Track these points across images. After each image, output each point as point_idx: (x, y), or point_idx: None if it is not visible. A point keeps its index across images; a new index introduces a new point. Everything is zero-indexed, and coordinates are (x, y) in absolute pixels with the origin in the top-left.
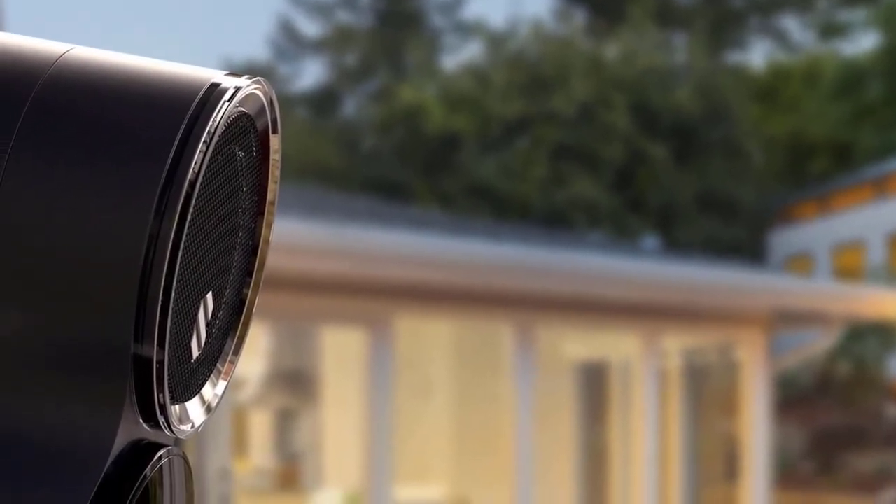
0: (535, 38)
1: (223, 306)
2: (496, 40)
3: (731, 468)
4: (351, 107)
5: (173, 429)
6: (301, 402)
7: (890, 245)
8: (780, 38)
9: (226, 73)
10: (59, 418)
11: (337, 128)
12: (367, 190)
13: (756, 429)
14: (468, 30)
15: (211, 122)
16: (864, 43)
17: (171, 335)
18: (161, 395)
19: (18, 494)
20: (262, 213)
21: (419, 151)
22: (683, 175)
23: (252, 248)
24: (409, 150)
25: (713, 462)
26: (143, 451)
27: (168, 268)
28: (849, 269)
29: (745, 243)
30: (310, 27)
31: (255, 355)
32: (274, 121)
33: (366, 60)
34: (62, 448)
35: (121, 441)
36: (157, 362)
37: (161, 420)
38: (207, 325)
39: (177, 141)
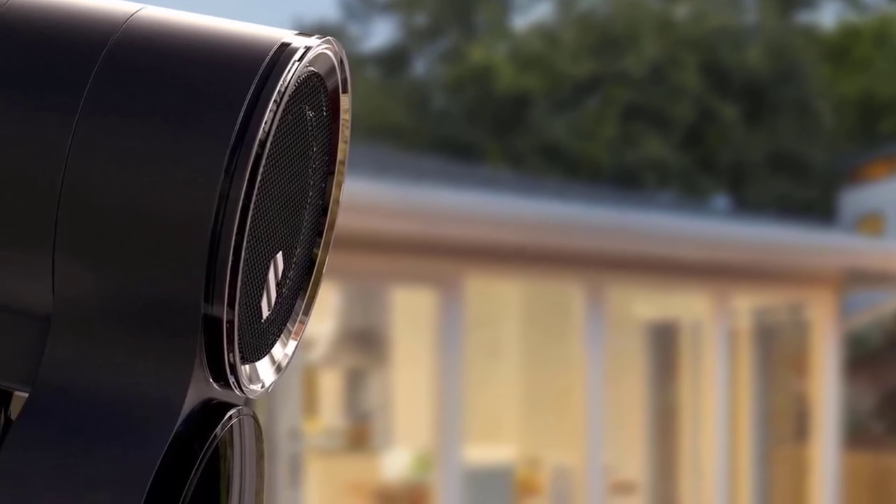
0: None
1: (293, 266)
2: (566, 0)
3: (801, 428)
4: (421, 66)
5: (243, 388)
6: (371, 361)
7: None
8: None
9: (296, 32)
10: (130, 377)
11: (407, 87)
12: (436, 150)
13: (826, 388)
14: None
15: (281, 82)
16: None
17: (241, 295)
18: (231, 355)
19: (89, 452)
20: (332, 173)
21: (489, 111)
22: (754, 135)
23: (322, 208)
24: (478, 109)
25: (783, 422)
26: (213, 411)
27: (238, 228)
28: None
29: (815, 203)
30: None
31: (325, 315)
32: (344, 80)
33: (436, 20)
34: (133, 406)
35: (191, 400)
36: (227, 322)
37: (231, 380)
38: (277, 284)
39: (247, 101)
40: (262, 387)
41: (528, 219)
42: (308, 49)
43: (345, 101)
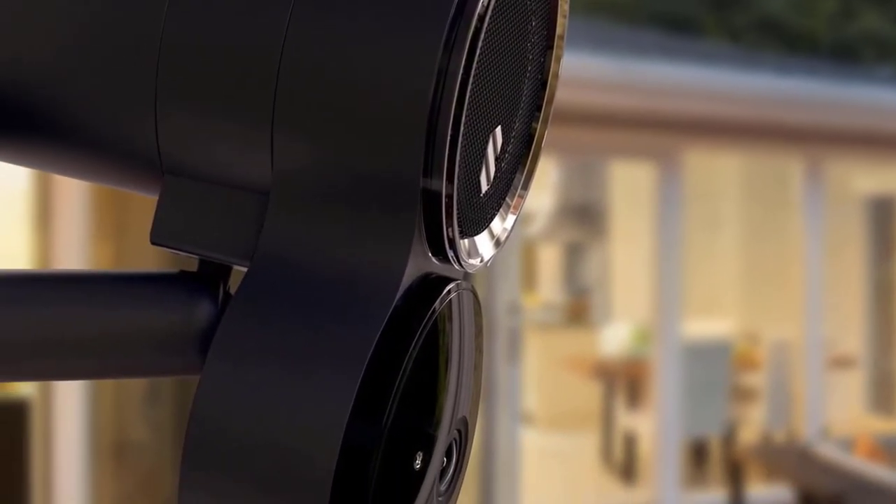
0: None
1: (512, 141)
2: None
3: None
4: None
5: (462, 263)
6: (589, 236)
7: None
8: None
9: None
10: (350, 251)
11: None
12: (655, 24)
13: None
14: None
15: None
16: None
17: (459, 169)
18: (450, 230)
19: (308, 326)
20: (551, 48)
21: None
22: None
23: (541, 83)
24: None
25: None
26: (432, 285)
27: (457, 102)
28: None
29: None
30: None
31: (544, 189)
32: None
33: None
34: (352, 281)
35: (410, 275)
36: (446, 196)
37: (450, 254)
38: (496, 159)
39: None
40: (481, 261)
41: (746, 93)
42: None
43: None
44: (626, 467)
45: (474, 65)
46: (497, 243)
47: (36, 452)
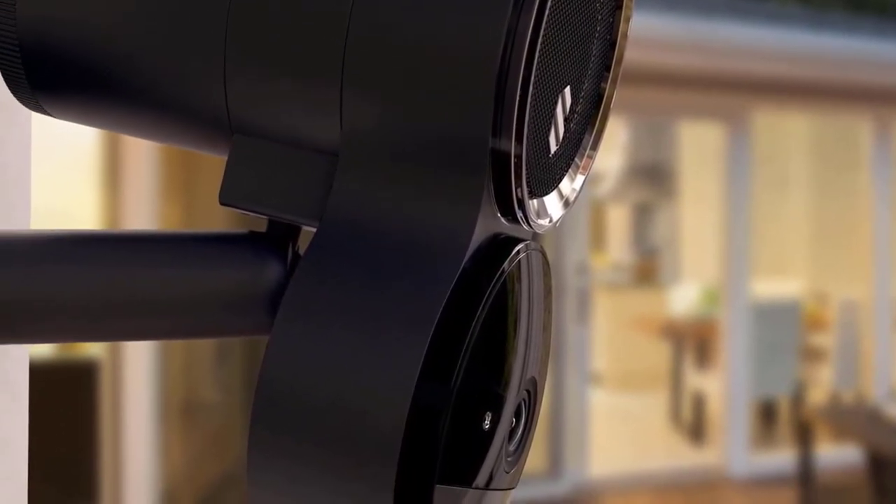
0: None
1: (581, 101)
2: None
3: None
4: None
5: (531, 223)
6: (658, 196)
7: None
8: None
9: None
10: (419, 212)
11: None
12: None
13: None
14: None
15: None
16: None
17: (528, 130)
18: (519, 190)
19: (378, 286)
20: (620, 8)
21: None
22: None
23: (610, 43)
24: None
25: None
26: (501, 246)
27: (526, 62)
28: None
29: None
30: None
31: (613, 150)
32: None
33: None
34: (421, 241)
35: (479, 235)
36: (515, 156)
37: (519, 214)
38: (565, 119)
39: None
40: (550, 221)
41: (815, 53)
42: None
43: None
44: (695, 428)
45: (543, 24)
46: (566, 203)
47: (105, 412)
